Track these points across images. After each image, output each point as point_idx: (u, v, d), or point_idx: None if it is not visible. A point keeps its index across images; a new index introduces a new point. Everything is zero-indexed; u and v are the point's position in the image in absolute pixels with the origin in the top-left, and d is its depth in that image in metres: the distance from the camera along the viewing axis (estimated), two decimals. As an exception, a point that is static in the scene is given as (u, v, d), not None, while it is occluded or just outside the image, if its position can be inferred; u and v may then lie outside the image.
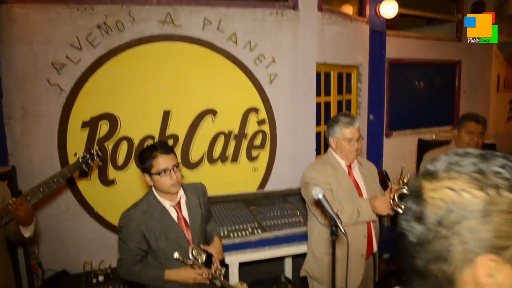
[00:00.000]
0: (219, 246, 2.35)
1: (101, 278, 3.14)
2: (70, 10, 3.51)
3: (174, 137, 3.88)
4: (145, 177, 2.17)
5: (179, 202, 2.23)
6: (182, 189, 2.26)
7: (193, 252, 2.08)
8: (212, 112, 3.96)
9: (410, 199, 0.71)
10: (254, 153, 4.15)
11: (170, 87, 3.84)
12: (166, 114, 3.84)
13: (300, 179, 2.65)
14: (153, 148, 2.15)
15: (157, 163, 2.11)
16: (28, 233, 2.30)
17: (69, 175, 2.41)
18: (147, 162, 2.13)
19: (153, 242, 2.13)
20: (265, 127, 4.15)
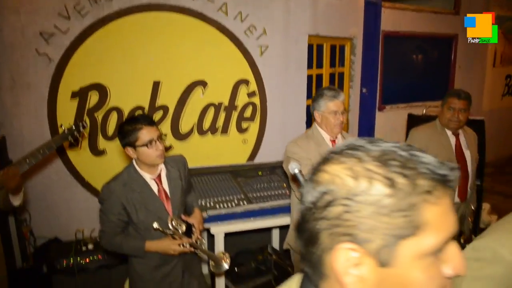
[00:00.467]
0: (200, 217, 2.40)
1: (91, 246, 3.21)
2: (57, -22, 3.45)
3: (164, 108, 3.89)
4: (128, 151, 2.16)
5: (160, 175, 2.26)
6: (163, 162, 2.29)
7: (173, 223, 2.13)
8: (202, 84, 3.96)
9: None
10: (244, 125, 4.17)
11: (160, 58, 3.81)
12: (156, 85, 3.83)
13: (284, 153, 2.69)
14: (136, 121, 2.15)
15: (143, 135, 2.12)
16: (18, 202, 2.35)
17: (55, 147, 2.43)
18: (132, 135, 2.12)
19: (134, 214, 2.16)
20: (256, 99, 4.15)
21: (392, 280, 0.59)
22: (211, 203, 3.05)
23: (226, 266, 2.33)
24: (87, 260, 3.12)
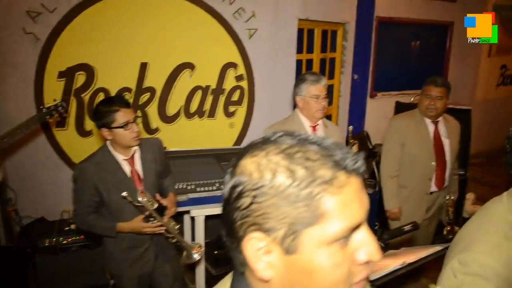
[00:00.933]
0: (174, 200, 2.42)
1: (73, 226, 3.23)
2: (44, -45, 3.41)
3: (151, 90, 3.89)
4: (104, 132, 2.17)
5: (133, 156, 2.28)
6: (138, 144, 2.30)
7: (143, 198, 2.14)
8: (190, 66, 3.94)
9: None
10: (231, 109, 4.17)
11: (148, 39, 3.79)
12: (143, 66, 3.82)
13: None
14: (112, 102, 2.16)
15: (119, 117, 2.13)
16: None
17: (33, 126, 2.46)
18: (108, 117, 2.13)
19: (105, 194, 2.19)
20: (243, 83, 4.14)
21: (298, 267, 0.63)
22: (193, 186, 3.08)
23: (197, 257, 2.37)
24: (69, 240, 3.16)
